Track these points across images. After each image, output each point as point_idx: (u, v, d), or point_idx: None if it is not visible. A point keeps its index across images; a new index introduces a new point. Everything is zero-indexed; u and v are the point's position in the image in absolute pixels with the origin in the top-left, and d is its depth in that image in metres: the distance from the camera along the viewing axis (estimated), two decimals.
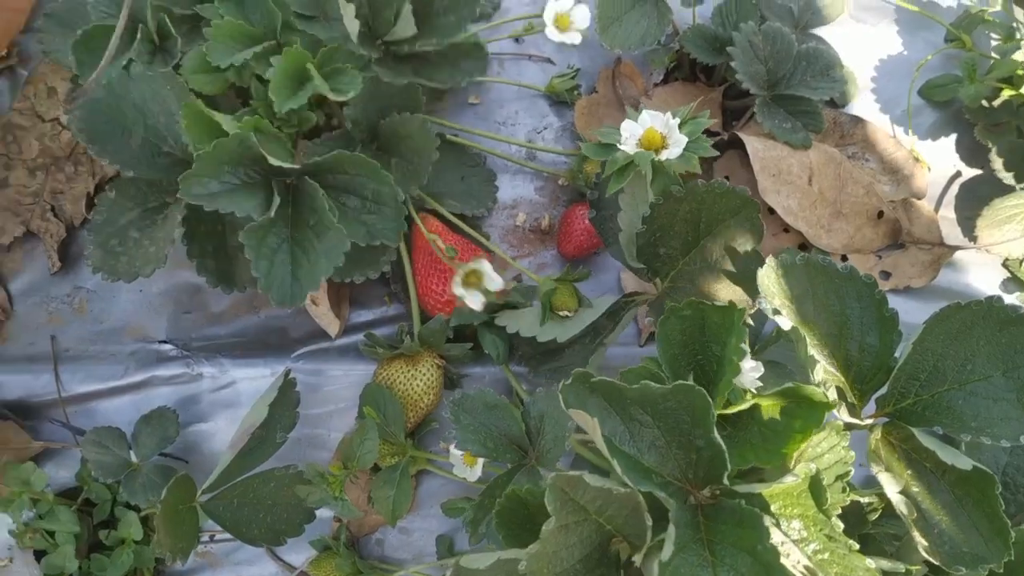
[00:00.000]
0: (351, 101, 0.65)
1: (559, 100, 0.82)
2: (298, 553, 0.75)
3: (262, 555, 0.76)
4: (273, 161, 0.58)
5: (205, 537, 0.76)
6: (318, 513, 0.70)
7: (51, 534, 0.74)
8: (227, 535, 0.71)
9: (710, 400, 0.42)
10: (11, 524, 0.74)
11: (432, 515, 0.76)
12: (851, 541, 0.43)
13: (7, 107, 0.80)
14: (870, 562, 0.44)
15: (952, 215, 0.81)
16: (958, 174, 0.83)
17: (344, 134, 0.70)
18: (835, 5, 0.81)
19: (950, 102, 0.83)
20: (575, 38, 0.70)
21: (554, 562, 0.46)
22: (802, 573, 0.43)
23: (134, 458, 0.72)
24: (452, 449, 0.67)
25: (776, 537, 0.42)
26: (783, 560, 0.41)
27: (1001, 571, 0.47)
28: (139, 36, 0.63)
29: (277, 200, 0.59)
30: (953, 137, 0.84)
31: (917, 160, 0.81)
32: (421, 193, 0.70)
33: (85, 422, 0.76)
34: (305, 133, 0.69)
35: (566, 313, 0.65)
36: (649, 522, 0.43)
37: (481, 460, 0.66)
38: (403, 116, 0.68)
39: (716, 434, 0.43)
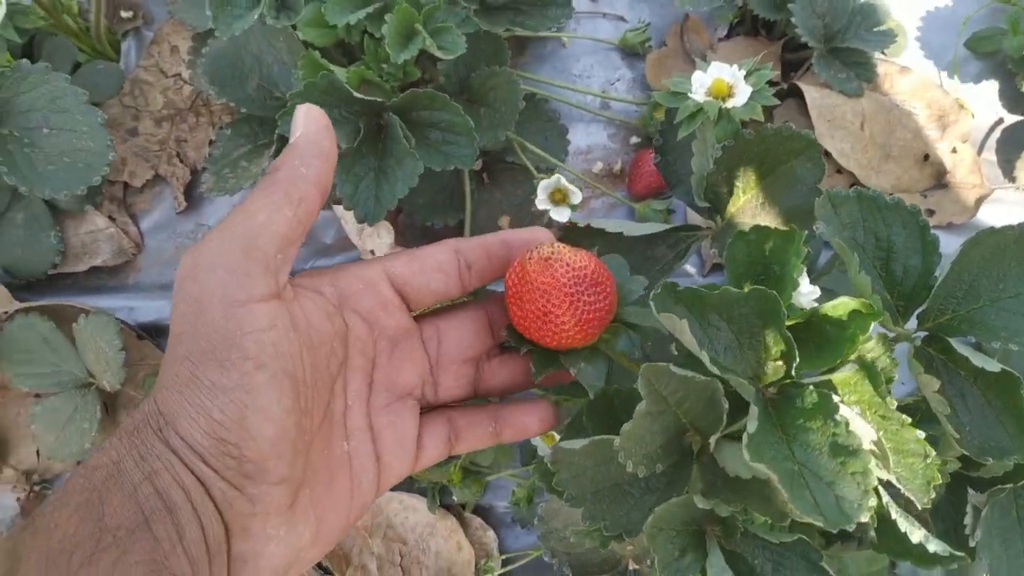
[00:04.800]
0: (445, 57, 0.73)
1: (631, 53, 0.89)
2: None
3: None
4: (357, 95, 0.67)
5: None
6: None
7: None
8: None
9: (781, 302, 0.50)
10: None
11: None
12: (903, 416, 0.50)
13: (134, 64, 0.89)
14: (919, 434, 0.52)
15: (994, 158, 0.88)
16: (1000, 121, 0.89)
17: (438, 87, 0.79)
18: None
19: (995, 53, 0.89)
20: None
21: (640, 444, 0.54)
22: (869, 446, 0.50)
23: None
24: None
25: (845, 412, 0.50)
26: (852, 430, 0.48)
27: None
28: None
29: (361, 133, 0.68)
30: (996, 86, 0.89)
31: (962, 107, 0.87)
32: (511, 135, 0.78)
33: None
34: (404, 86, 0.78)
35: None
36: (726, 406, 0.51)
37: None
38: (491, 69, 0.76)
39: (786, 330, 0.51)
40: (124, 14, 0.90)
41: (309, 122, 0.49)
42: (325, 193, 0.49)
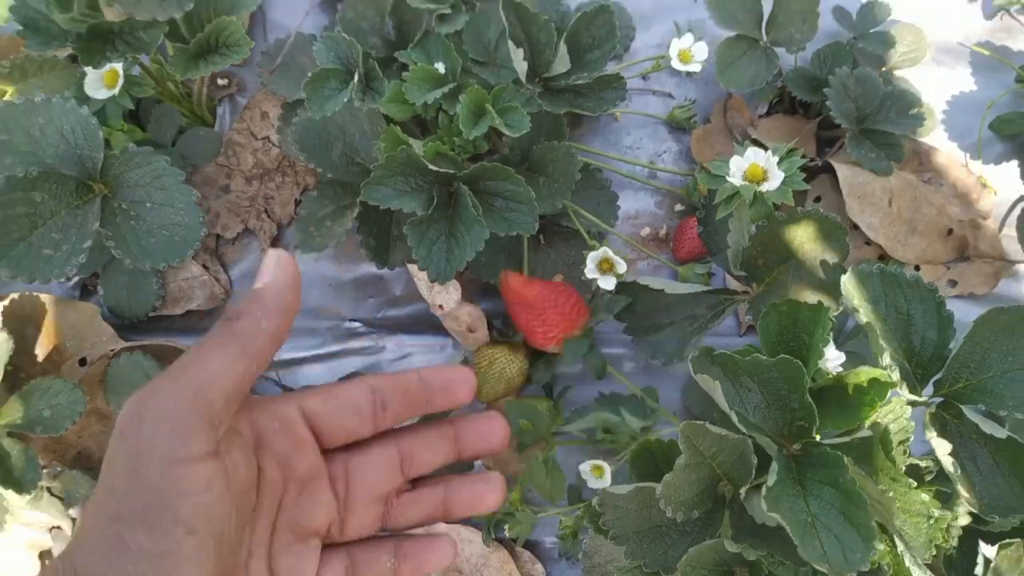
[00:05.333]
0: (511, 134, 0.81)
1: (677, 127, 0.97)
2: None
3: None
4: (431, 167, 0.74)
5: None
6: None
7: None
8: None
9: (805, 371, 0.57)
10: None
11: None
12: (911, 480, 0.56)
13: (228, 127, 0.99)
14: (924, 496, 0.58)
15: (1014, 234, 0.93)
16: (1021, 198, 0.94)
17: (502, 158, 0.87)
18: (918, 51, 0.94)
19: (1017, 135, 0.95)
20: (695, 67, 0.88)
21: (679, 492, 0.60)
22: (873, 505, 0.57)
23: None
24: (581, 467, 0.83)
25: (854, 473, 0.56)
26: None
27: None
28: (356, 79, 0.80)
29: (435, 201, 0.75)
30: (1018, 166, 0.96)
31: (985, 185, 0.93)
32: (568, 203, 0.86)
33: (292, 382, 0.95)
34: (473, 157, 0.86)
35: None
36: (755, 461, 0.57)
37: (608, 470, 0.82)
38: (551, 143, 0.83)
39: (809, 397, 0.57)
40: (220, 82, 1.00)
41: (278, 270, 0.49)
42: (279, 344, 0.49)
